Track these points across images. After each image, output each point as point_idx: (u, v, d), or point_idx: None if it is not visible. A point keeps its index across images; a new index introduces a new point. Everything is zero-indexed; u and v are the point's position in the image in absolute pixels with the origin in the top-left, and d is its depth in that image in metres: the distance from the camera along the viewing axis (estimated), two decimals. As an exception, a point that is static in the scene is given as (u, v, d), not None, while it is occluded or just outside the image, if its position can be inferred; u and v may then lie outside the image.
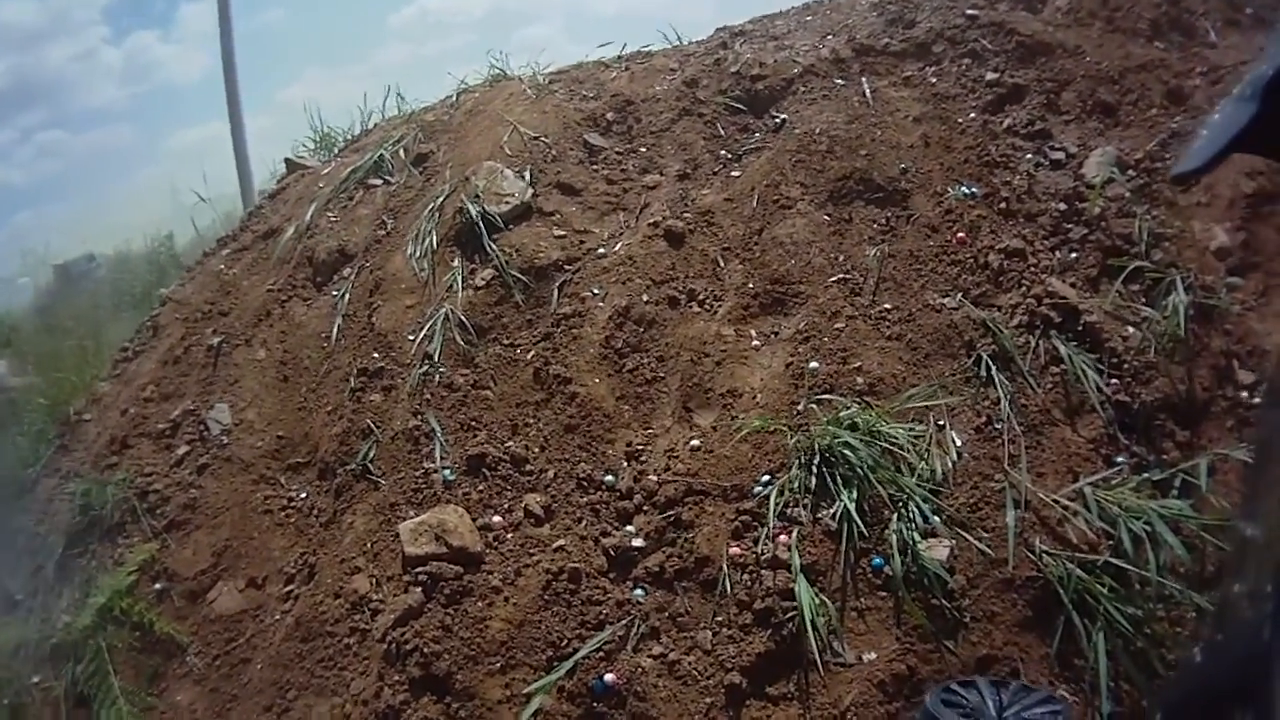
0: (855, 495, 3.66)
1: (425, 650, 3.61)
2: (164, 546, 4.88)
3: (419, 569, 3.86)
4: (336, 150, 7.28)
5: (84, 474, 5.54)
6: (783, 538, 3.65)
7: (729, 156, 5.30)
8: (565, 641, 3.60)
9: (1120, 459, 3.92)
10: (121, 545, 5.05)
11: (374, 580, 4.02)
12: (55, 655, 4.80)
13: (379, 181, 5.93)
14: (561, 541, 3.88)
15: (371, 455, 4.48)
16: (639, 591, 3.72)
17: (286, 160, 7.41)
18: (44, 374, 8.70)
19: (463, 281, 4.85)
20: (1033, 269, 4.44)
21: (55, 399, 7.39)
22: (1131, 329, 4.26)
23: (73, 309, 11.47)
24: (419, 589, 3.82)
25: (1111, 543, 3.58)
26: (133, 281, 12.10)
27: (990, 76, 5.28)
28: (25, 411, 7.85)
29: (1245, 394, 4.21)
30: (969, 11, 5.64)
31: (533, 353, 4.55)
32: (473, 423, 4.39)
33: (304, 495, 4.73)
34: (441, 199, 5.29)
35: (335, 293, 5.35)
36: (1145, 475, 3.87)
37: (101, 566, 5.05)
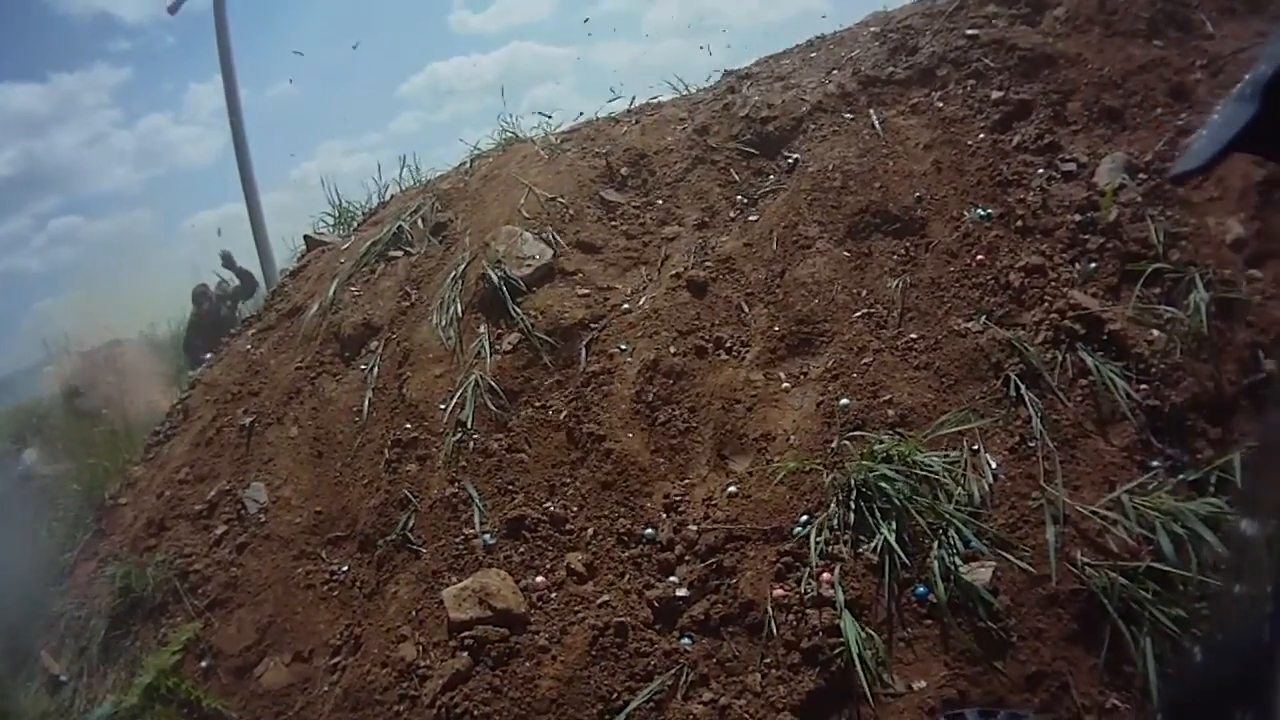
0: (895, 527, 3.67)
1: (475, 713, 3.64)
2: (208, 625, 4.93)
3: (465, 633, 3.88)
4: (355, 224, 7.35)
5: (123, 557, 5.59)
6: (825, 575, 3.66)
7: (745, 201, 5.35)
8: (615, 695, 3.61)
9: (1155, 463, 3.90)
10: (165, 625, 5.10)
11: (420, 647, 4.04)
12: (103, 735, 4.81)
13: (399, 253, 6.00)
14: (606, 597, 3.90)
15: (411, 525, 4.51)
16: (686, 640, 3.73)
17: (306, 237, 7.48)
18: (75, 460, 8.78)
19: (490, 347, 4.91)
20: (1054, 283, 4.44)
21: (89, 485, 7.46)
22: (1156, 332, 4.23)
23: (100, 396, 11.57)
24: (466, 653, 3.84)
25: (1152, 548, 3.56)
26: (159, 365, 12.22)
27: (996, 95, 5.29)
28: (59, 498, 7.92)
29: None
30: (969, 32, 5.66)
31: (565, 413, 4.59)
32: (510, 486, 4.43)
33: (345, 568, 4.75)
34: (463, 266, 5.36)
35: (364, 366, 5.40)
36: (1181, 477, 3.84)
37: (146, 647, 5.09)
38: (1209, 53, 5.20)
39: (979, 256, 4.63)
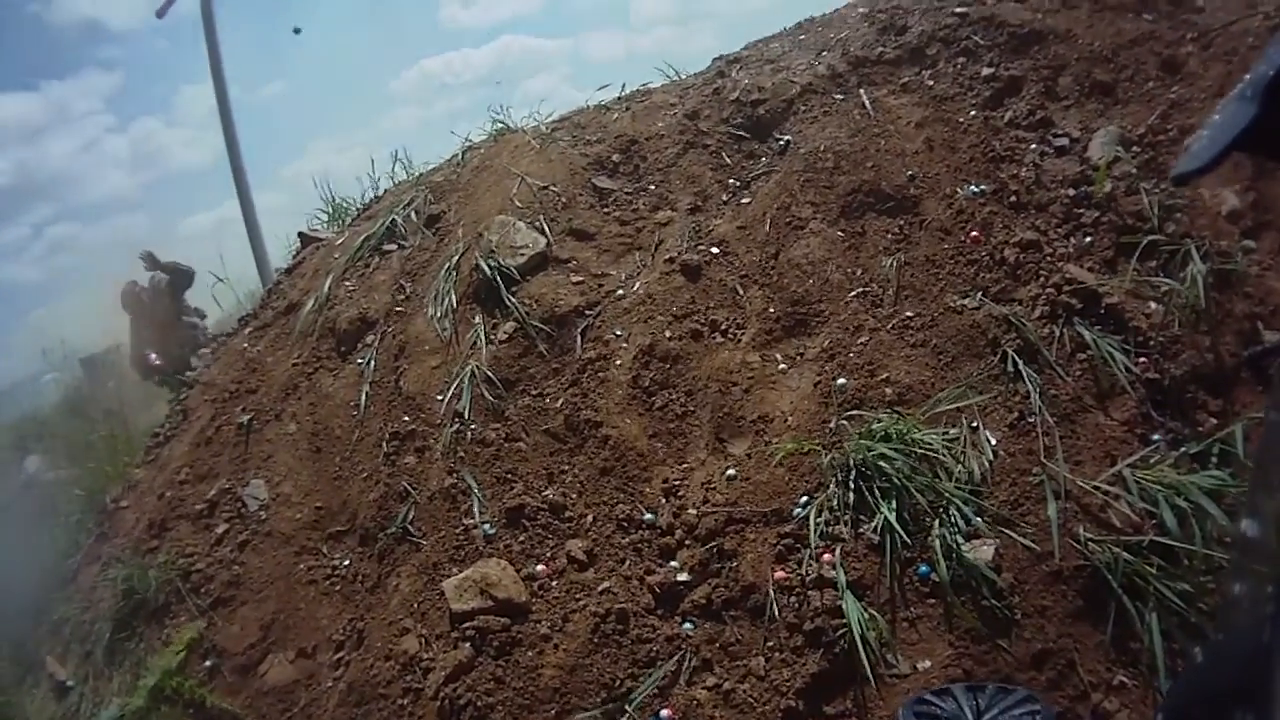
0: (895, 506, 3.65)
1: (479, 704, 3.62)
2: (211, 624, 4.91)
3: (466, 624, 3.87)
4: (349, 220, 7.30)
5: (125, 559, 5.57)
6: (826, 556, 3.64)
7: (737, 184, 5.32)
8: (619, 682, 3.60)
9: (1156, 437, 3.90)
10: (168, 626, 5.08)
11: (423, 640, 4.02)
12: (110, 739, 4.81)
13: (393, 246, 5.96)
14: (607, 584, 3.88)
15: (410, 517, 4.50)
16: (688, 625, 3.72)
17: (300, 234, 7.45)
18: (78, 466, 8.79)
19: (486, 337, 4.87)
20: (1049, 258, 4.43)
21: (91, 489, 7.46)
22: (1153, 304, 4.24)
23: (102, 400, 11.57)
24: (468, 644, 3.83)
25: (1155, 522, 3.55)
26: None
27: (986, 72, 5.29)
28: (61, 504, 7.93)
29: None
30: (958, 10, 5.66)
31: (561, 400, 4.57)
32: (508, 475, 4.40)
33: (347, 563, 4.73)
34: (457, 257, 5.32)
35: (360, 361, 5.36)
36: (1182, 450, 3.85)
37: (150, 648, 5.08)
38: (1199, 26, 5.22)
39: (973, 233, 4.61)
